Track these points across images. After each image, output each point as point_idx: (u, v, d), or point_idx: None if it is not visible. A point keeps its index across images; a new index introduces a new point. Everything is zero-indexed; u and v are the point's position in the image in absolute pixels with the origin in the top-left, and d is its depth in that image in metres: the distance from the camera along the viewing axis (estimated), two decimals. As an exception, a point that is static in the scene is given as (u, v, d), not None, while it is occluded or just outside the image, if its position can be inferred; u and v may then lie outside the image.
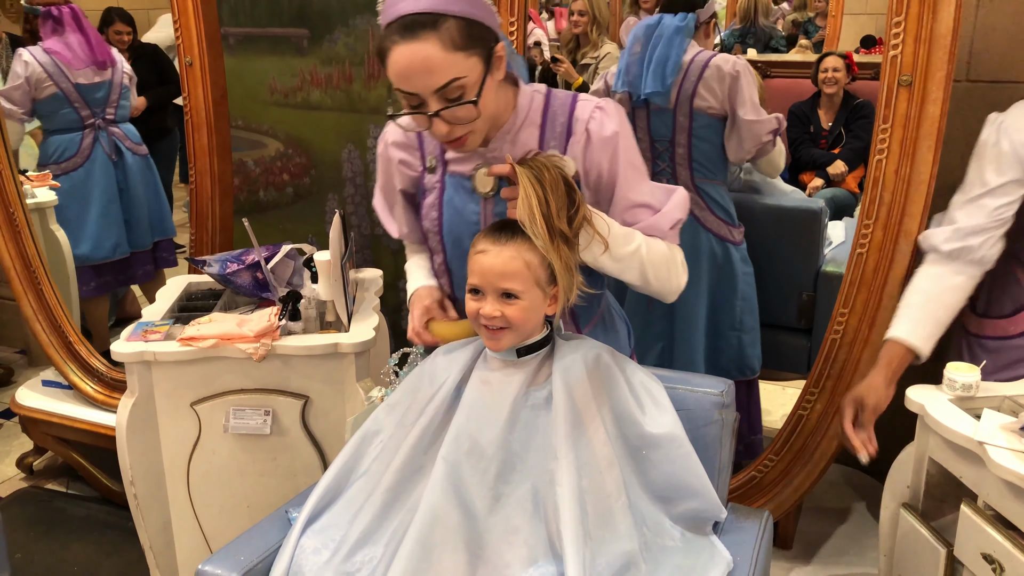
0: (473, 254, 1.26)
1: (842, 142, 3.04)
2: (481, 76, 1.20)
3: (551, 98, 1.34)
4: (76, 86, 2.74)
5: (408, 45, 1.16)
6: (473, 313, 1.26)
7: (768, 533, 1.35)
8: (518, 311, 1.24)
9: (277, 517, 1.38)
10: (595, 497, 1.20)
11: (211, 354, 1.80)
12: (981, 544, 1.41)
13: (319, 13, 2.63)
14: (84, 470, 2.53)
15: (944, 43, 1.63)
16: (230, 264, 2.01)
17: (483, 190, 1.34)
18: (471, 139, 1.27)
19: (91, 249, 2.89)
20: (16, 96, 2.67)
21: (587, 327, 1.45)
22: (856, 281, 1.81)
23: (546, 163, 1.22)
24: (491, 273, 1.23)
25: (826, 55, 3.29)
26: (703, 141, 2.24)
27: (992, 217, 1.55)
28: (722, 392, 1.33)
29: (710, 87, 2.19)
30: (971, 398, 1.56)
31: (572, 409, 1.24)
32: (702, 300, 2.26)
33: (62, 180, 2.81)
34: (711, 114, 2.22)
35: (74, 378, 2.48)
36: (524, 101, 1.33)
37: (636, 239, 1.29)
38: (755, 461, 2.01)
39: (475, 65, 1.19)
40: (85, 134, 2.79)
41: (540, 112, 1.33)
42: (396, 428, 1.34)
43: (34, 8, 2.68)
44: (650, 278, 1.32)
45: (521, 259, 1.22)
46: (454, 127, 1.22)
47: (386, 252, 2.78)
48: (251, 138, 2.86)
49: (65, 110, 2.75)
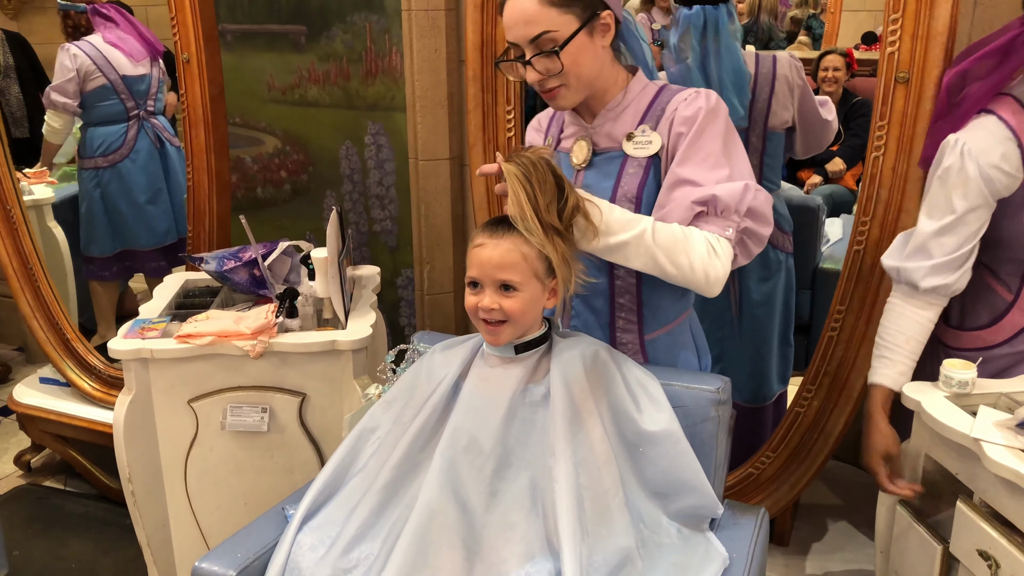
0: (471, 248, 1.27)
1: (841, 139, 3.04)
2: (572, 33, 1.28)
3: (664, 89, 1.39)
4: (123, 78, 2.77)
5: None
6: (472, 308, 1.27)
7: (764, 530, 1.36)
8: (517, 303, 1.24)
9: (274, 514, 1.38)
10: (592, 494, 1.20)
11: (208, 351, 1.80)
12: (977, 541, 1.41)
13: (317, 10, 2.63)
14: (82, 467, 2.53)
15: (941, 40, 1.63)
16: (227, 261, 2.01)
17: (577, 160, 1.41)
18: (563, 93, 1.33)
19: (146, 237, 2.93)
20: (70, 89, 2.71)
21: (651, 334, 1.44)
22: (853, 278, 1.81)
23: (532, 158, 1.23)
24: (488, 265, 1.24)
25: (827, 53, 3.29)
26: (772, 158, 2.12)
27: (966, 247, 1.52)
28: (718, 389, 1.33)
29: (783, 102, 2.05)
30: (967, 395, 1.56)
31: (570, 406, 1.24)
32: (775, 314, 2.17)
33: (107, 172, 2.83)
34: (780, 128, 2.08)
35: (71, 375, 2.48)
36: (636, 86, 1.39)
37: (640, 224, 1.27)
38: (752, 457, 2.01)
39: (569, 22, 1.28)
40: (130, 125, 2.83)
41: (649, 99, 1.38)
42: (393, 425, 1.34)
43: (75, 5, 2.73)
44: (663, 264, 1.27)
45: (518, 251, 1.23)
46: (545, 79, 1.31)
47: (384, 249, 2.78)
48: (249, 135, 2.86)
49: (111, 101, 2.78)
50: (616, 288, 1.41)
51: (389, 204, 2.75)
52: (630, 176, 1.36)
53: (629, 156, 1.36)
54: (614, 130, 1.38)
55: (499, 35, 1.96)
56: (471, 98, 2.01)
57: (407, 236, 2.71)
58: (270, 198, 2.88)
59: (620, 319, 1.43)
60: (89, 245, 2.90)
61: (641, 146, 1.36)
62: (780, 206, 2.18)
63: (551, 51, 1.28)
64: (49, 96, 2.68)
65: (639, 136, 1.36)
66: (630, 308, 1.42)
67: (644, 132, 1.36)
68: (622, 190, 1.36)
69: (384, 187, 2.73)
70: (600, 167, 1.39)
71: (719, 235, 1.29)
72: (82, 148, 2.82)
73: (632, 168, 1.36)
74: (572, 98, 1.35)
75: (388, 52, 2.59)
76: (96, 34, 2.74)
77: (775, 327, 2.17)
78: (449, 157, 2.54)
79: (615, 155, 1.38)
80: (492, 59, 1.97)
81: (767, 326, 2.15)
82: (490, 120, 2.02)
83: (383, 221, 2.77)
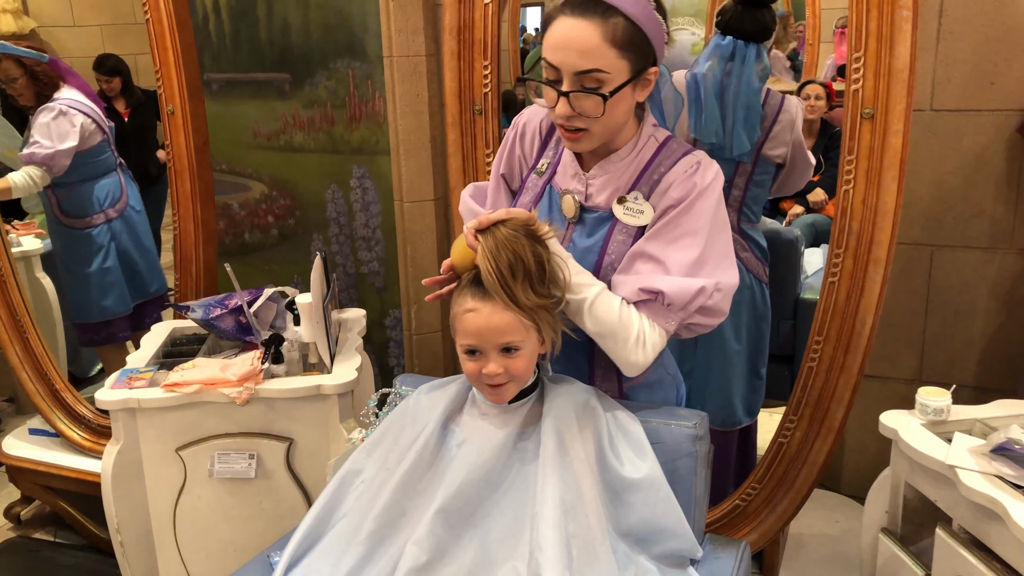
0: (461, 313, 1.23)
1: (821, 170, 3.09)
2: (623, 82, 1.22)
3: (665, 146, 1.34)
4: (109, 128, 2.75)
5: (573, 20, 1.20)
6: (474, 373, 1.25)
7: (745, 563, 1.37)
8: (521, 361, 1.23)
9: (259, 561, 1.39)
10: (581, 541, 1.20)
11: (195, 399, 1.82)
12: (957, 567, 1.43)
13: (300, 58, 2.68)
14: (72, 518, 2.52)
15: (902, 77, 1.68)
16: (213, 309, 2.03)
17: (567, 215, 1.37)
18: (586, 138, 1.27)
19: (158, 283, 2.89)
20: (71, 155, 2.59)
21: (631, 382, 1.43)
22: (829, 309, 1.84)
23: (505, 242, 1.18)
24: (488, 331, 1.21)
25: (807, 83, 3.35)
26: (758, 186, 2.14)
27: None
28: (695, 424, 1.35)
29: (782, 137, 2.08)
30: (943, 422, 1.59)
31: (560, 453, 1.24)
32: (742, 343, 2.18)
33: (118, 223, 2.77)
34: (773, 161, 2.12)
35: (61, 426, 2.48)
36: (642, 140, 1.34)
37: (587, 291, 1.25)
38: (739, 489, 2.02)
39: (623, 68, 1.22)
40: (119, 174, 2.79)
41: (649, 157, 1.33)
42: (378, 470, 1.33)
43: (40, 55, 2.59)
44: (592, 333, 1.27)
45: (512, 308, 1.20)
46: (575, 117, 1.24)
47: (371, 290, 2.81)
48: (236, 181, 2.90)
49: (106, 154, 2.72)
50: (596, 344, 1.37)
51: (376, 246, 2.78)
52: (619, 244, 1.32)
53: (618, 221, 1.32)
54: (609, 188, 1.33)
55: (476, 81, 2.01)
56: (451, 143, 2.05)
57: (394, 277, 2.74)
58: (258, 243, 2.91)
59: (599, 368, 1.42)
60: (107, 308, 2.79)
61: (632, 214, 1.31)
62: (759, 238, 2.21)
63: (598, 92, 1.22)
64: (50, 160, 2.56)
65: (631, 203, 1.31)
66: (608, 362, 1.38)
67: (637, 199, 1.31)
68: (609, 258, 1.32)
69: (370, 229, 2.77)
70: (589, 226, 1.35)
71: (657, 325, 1.27)
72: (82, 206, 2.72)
73: (621, 235, 1.32)
74: (590, 145, 1.30)
75: (371, 97, 2.65)
76: (67, 87, 2.63)
77: (742, 355, 2.19)
78: (434, 198, 2.58)
79: (604, 216, 1.34)
80: (470, 105, 2.02)
81: (729, 354, 2.17)
82: (470, 164, 2.06)
83: (370, 263, 2.80)
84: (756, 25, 1.97)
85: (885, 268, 1.77)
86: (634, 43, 1.22)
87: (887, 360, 2.31)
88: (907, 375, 2.30)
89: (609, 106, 1.22)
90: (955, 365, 2.24)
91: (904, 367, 2.30)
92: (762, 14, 1.98)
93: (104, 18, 3.35)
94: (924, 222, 2.19)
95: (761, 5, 1.97)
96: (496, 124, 2.02)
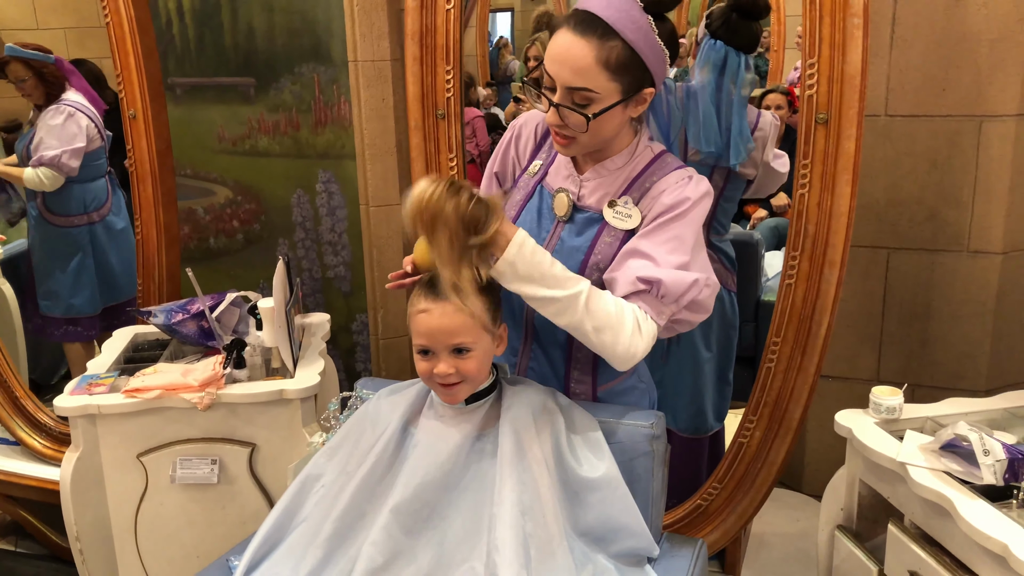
0: (415, 314, 1.25)
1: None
2: (611, 104, 1.25)
3: (659, 158, 1.37)
4: None
5: (571, 35, 1.23)
6: (427, 373, 1.26)
7: (702, 561, 1.39)
8: (473, 363, 1.25)
9: (219, 565, 1.39)
10: (539, 540, 1.22)
11: (156, 405, 1.81)
12: (908, 562, 1.46)
13: (265, 62, 2.68)
14: (33, 527, 2.49)
15: (855, 83, 1.71)
16: (175, 314, 2.02)
17: (559, 212, 1.39)
18: (573, 146, 1.32)
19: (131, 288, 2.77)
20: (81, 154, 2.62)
21: (605, 386, 1.44)
22: (787, 311, 1.87)
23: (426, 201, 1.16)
24: (439, 332, 1.23)
25: (769, 91, 3.40)
26: (728, 201, 2.17)
27: None
28: (652, 424, 1.37)
29: (755, 156, 2.09)
30: (896, 420, 1.62)
31: (518, 454, 1.26)
32: (712, 351, 2.20)
33: (99, 227, 2.77)
34: (743, 176, 2.13)
35: (21, 434, 2.45)
36: (638, 150, 1.37)
37: (576, 285, 1.25)
38: (700, 489, 2.05)
39: (613, 91, 1.24)
40: (107, 181, 2.78)
41: (643, 166, 1.36)
42: (338, 474, 1.34)
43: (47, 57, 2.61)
44: (587, 331, 1.25)
45: (464, 311, 1.22)
46: (564, 127, 1.28)
47: (338, 295, 2.80)
48: (200, 186, 2.88)
49: (100, 160, 2.73)
50: (574, 343, 1.39)
51: (342, 250, 2.78)
52: (605, 246, 1.34)
53: (607, 224, 1.34)
54: (601, 191, 1.36)
55: (439, 85, 2.02)
56: (414, 147, 2.06)
57: (360, 281, 2.74)
58: (223, 248, 2.90)
59: (575, 371, 1.44)
60: (74, 306, 2.78)
61: (620, 218, 1.33)
62: (727, 248, 2.23)
63: (583, 111, 1.25)
64: (59, 161, 2.57)
65: (620, 207, 1.34)
66: (586, 361, 1.42)
67: (626, 204, 1.33)
68: (595, 258, 1.34)
69: (336, 233, 2.77)
70: (578, 226, 1.37)
71: (650, 316, 1.28)
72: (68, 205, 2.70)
73: (608, 238, 1.34)
74: (578, 151, 1.34)
75: (337, 102, 2.65)
76: (71, 90, 2.65)
77: (712, 363, 2.20)
78: (400, 203, 2.58)
79: (595, 217, 1.36)
80: (433, 110, 2.03)
81: (700, 362, 2.19)
82: (433, 168, 2.07)
83: (336, 267, 2.80)
84: (748, 36, 2.00)
85: (840, 270, 1.80)
86: (629, 68, 1.25)
87: (846, 361, 2.35)
88: (866, 375, 2.34)
89: (595, 124, 1.26)
90: (911, 365, 2.29)
91: (863, 368, 2.35)
92: (756, 25, 2.01)
93: (67, 21, 3.30)
94: (880, 225, 2.23)
95: (756, 17, 2.00)
96: (459, 129, 2.03)
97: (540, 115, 1.45)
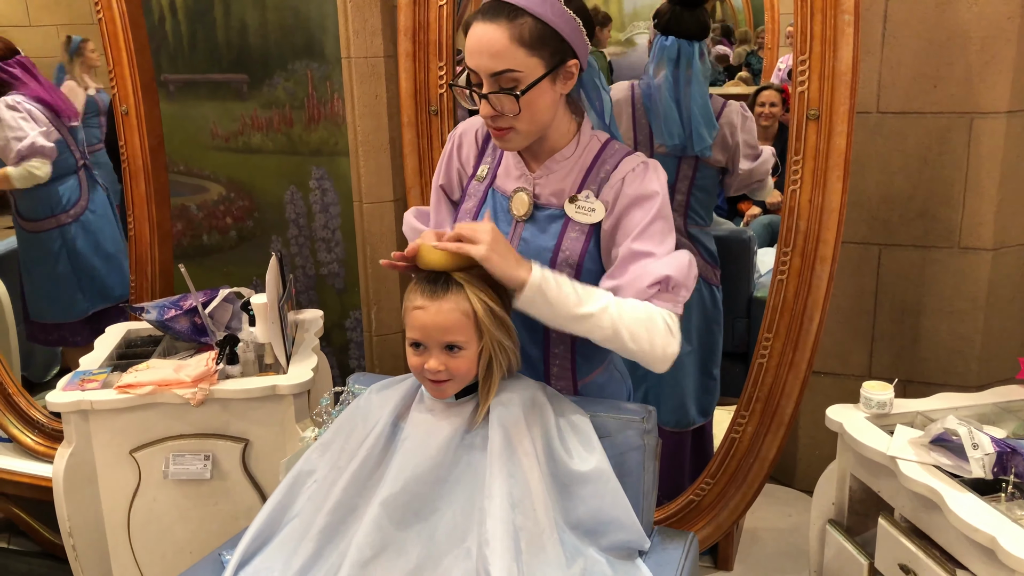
0: (411, 308, 1.26)
1: (778, 171, 3.14)
2: (536, 78, 1.26)
3: (607, 146, 1.38)
4: (69, 128, 2.69)
5: (483, 25, 1.25)
6: (417, 367, 1.27)
7: (693, 554, 1.40)
8: (463, 362, 1.26)
9: (211, 560, 1.39)
10: (529, 534, 1.22)
11: (149, 401, 1.81)
12: (898, 555, 1.47)
13: (258, 59, 2.68)
14: (25, 524, 2.48)
15: (846, 80, 1.72)
16: (168, 310, 2.02)
17: (518, 213, 1.39)
18: (512, 136, 1.31)
19: (123, 288, 2.78)
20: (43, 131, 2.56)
21: (585, 379, 1.45)
22: (778, 307, 1.88)
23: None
24: (433, 328, 1.24)
25: (763, 88, 3.41)
26: (702, 191, 2.19)
27: None
28: (643, 418, 1.37)
29: (723, 140, 2.12)
30: (886, 415, 1.63)
31: (508, 448, 1.26)
32: (693, 345, 2.21)
33: (73, 227, 2.72)
34: (714, 164, 2.17)
35: (13, 430, 2.44)
36: (584, 139, 1.38)
37: (601, 299, 1.25)
38: (693, 485, 2.06)
39: (535, 66, 1.25)
40: (80, 177, 2.73)
41: (592, 156, 1.37)
42: (330, 470, 1.34)
43: None
44: (625, 340, 1.24)
45: (459, 311, 1.23)
46: (499, 116, 1.28)
47: (331, 292, 2.80)
48: (193, 183, 2.87)
49: (64, 155, 2.67)
50: (551, 339, 1.41)
51: (335, 247, 2.78)
52: (572, 240, 1.34)
53: (571, 219, 1.35)
54: (557, 187, 1.37)
55: (432, 81, 2.02)
56: (407, 143, 2.07)
57: (354, 278, 2.74)
58: (216, 245, 2.89)
59: (555, 367, 1.44)
60: (57, 311, 2.76)
61: (584, 212, 1.34)
62: (708, 242, 2.25)
63: (511, 91, 1.26)
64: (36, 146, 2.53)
65: (582, 201, 1.34)
66: (564, 356, 1.43)
67: (588, 198, 1.34)
68: (563, 254, 1.34)
69: (330, 230, 2.77)
70: (540, 224, 1.37)
71: (672, 311, 1.29)
72: (35, 208, 2.67)
73: (574, 232, 1.34)
74: (520, 142, 1.33)
75: (330, 98, 2.65)
76: (15, 93, 2.57)
77: (693, 357, 2.22)
78: (393, 199, 2.58)
79: (557, 214, 1.36)
80: (426, 106, 2.03)
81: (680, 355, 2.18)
82: (426, 164, 2.07)
83: (330, 264, 2.80)
84: (695, 24, 2.04)
85: (831, 265, 1.82)
86: (544, 41, 1.26)
87: (839, 357, 2.36)
88: (858, 371, 2.35)
89: (528, 102, 1.26)
90: (903, 361, 2.30)
91: (855, 364, 2.36)
92: (699, 12, 2.05)
93: (60, 18, 3.29)
94: (872, 222, 2.24)
95: (695, 5, 2.04)
96: (451, 125, 2.03)
97: (479, 121, 1.46)
